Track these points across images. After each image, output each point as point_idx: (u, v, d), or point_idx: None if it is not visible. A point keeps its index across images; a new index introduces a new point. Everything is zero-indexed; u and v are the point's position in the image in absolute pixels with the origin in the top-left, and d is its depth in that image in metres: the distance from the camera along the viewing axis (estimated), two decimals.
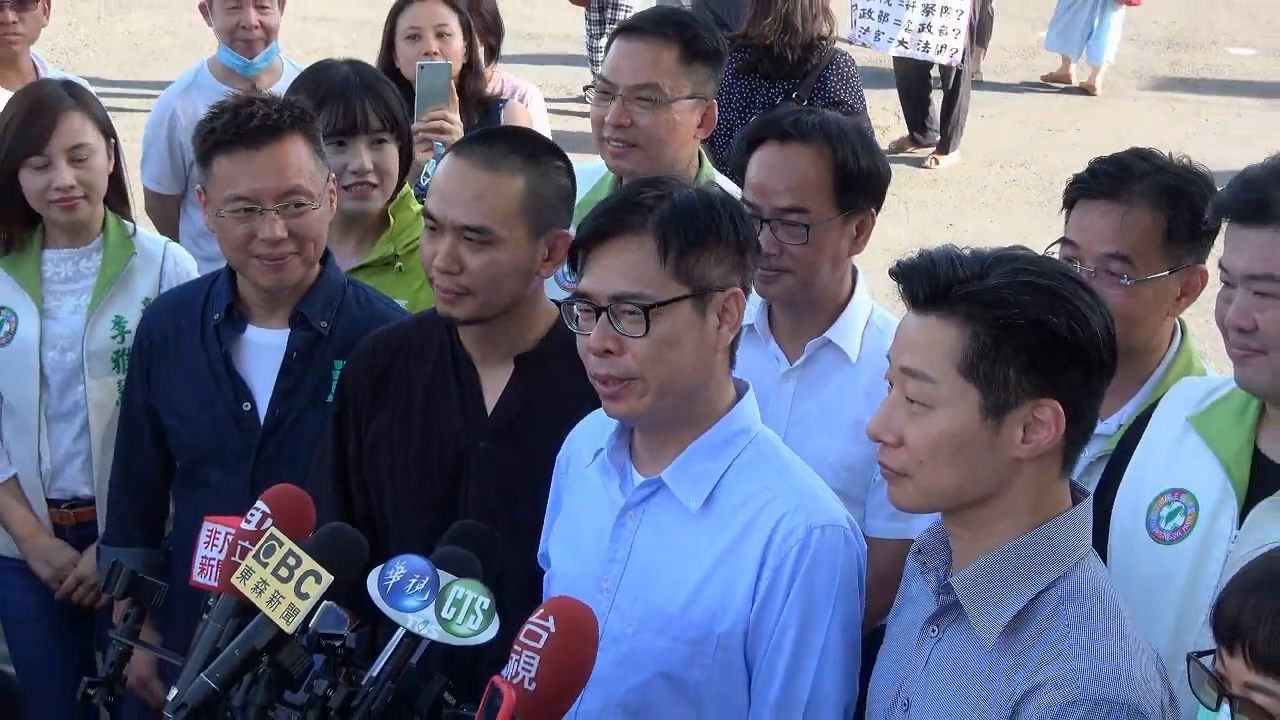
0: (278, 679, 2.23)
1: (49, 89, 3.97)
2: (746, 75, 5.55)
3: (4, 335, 3.91)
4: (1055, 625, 2.22)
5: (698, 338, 2.53)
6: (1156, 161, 3.06)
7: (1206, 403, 2.73)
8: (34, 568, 3.99)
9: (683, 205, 2.52)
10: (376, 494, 3.11)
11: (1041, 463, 2.25)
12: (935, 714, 2.32)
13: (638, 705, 2.59)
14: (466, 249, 2.88)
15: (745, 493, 2.59)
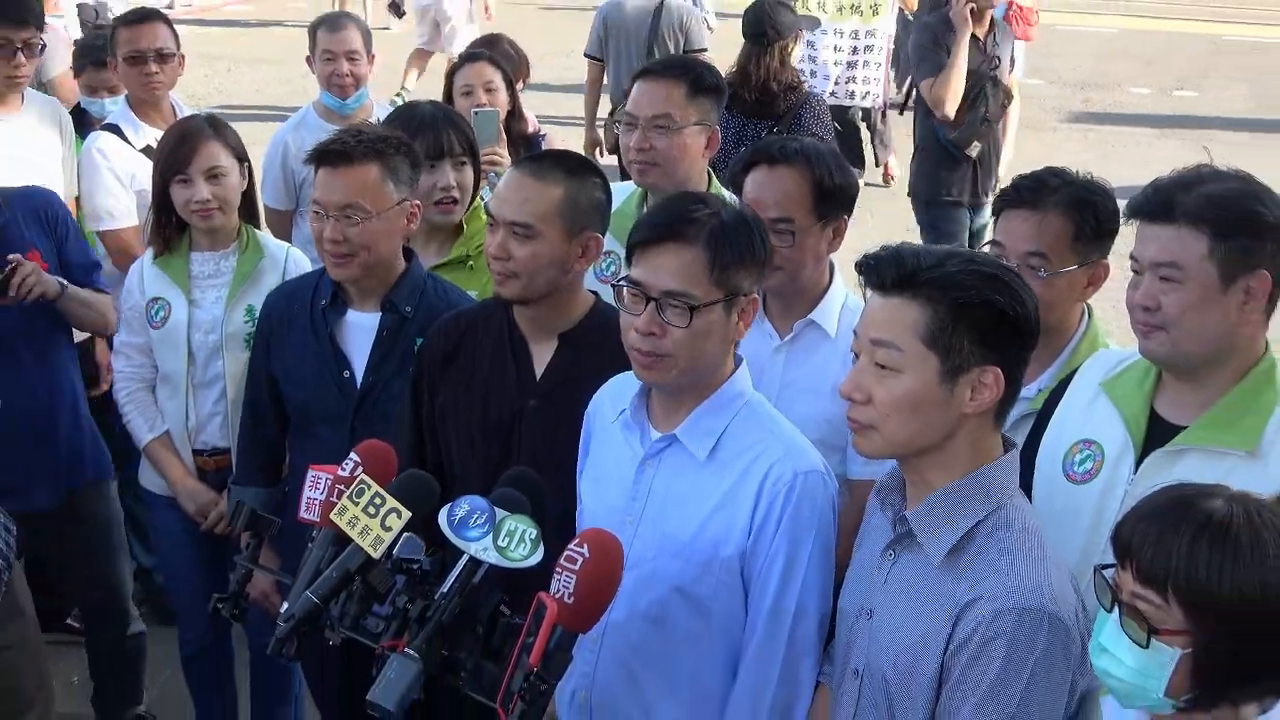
0: (367, 595, 2.20)
1: (195, 122, 3.93)
2: (736, 113, 5.43)
3: (160, 320, 3.88)
4: (989, 549, 2.18)
5: (723, 332, 2.52)
6: (1067, 177, 3.03)
7: (1115, 370, 2.68)
8: (182, 505, 3.95)
9: (730, 226, 2.50)
10: (445, 445, 3.08)
11: (981, 418, 2.21)
12: (892, 621, 2.28)
13: (657, 614, 2.55)
14: (514, 241, 2.86)
15: (742, 445, 2.55)
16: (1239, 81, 14.68)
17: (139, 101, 4.81)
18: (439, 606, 2.10)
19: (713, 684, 2.59)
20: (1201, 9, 19.10)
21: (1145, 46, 16.57)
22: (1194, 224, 2.38)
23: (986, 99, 6.53)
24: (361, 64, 5.01)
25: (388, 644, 2.12)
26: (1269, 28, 17.85)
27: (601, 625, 2.23)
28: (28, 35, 4.56)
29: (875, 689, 2.29)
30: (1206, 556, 1.84)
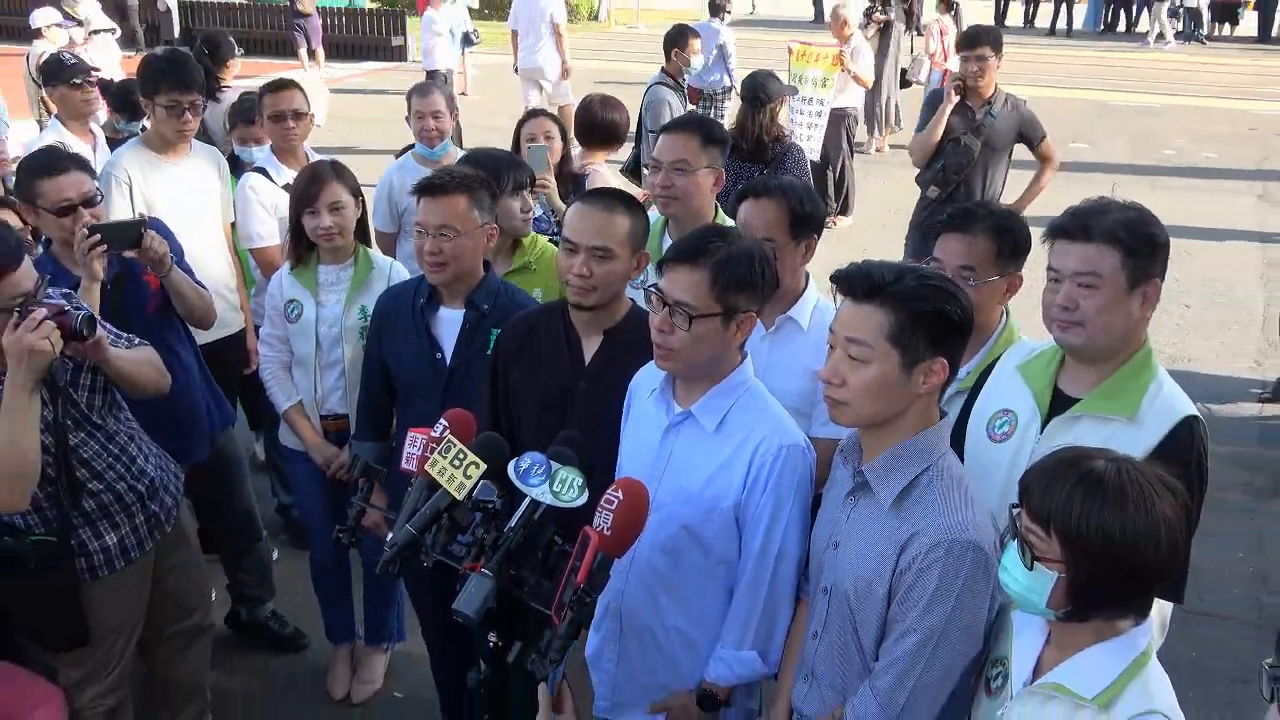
0: (452, 528, 2.19)
1: (321, 166, 3.93)
2: (735, 159, 5.37)
3: (295, 316, 3.89)
4: (927, 495, 2.18)
5: (720, 339, 2.48)
6: (991, 209, 3.05)
7: (1028, 357, 2.66)
8: (313, 457, 3.96)
9: (735, 257, 2.47)
10: (515, 414, 3.06)
11: (928, 396, 2.20)
12: (853, 551, 2.27)
13: (671, 548, 2.54)
14: (595, 262, 2.82)
15: (742, 421, 2.53)
16: (1119, 136, 14.55)
17: (280, 150, 4.81)
18: (507, 537, 2.10)
19: (713, 605, 2.58)
20: (1092, 81, 18.97)
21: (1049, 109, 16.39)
22: (1109, 242, 2.37)
23: (945, 155, 6.38)
24: (445, 121, 4.97)
25: (468, 566, 2.11)
26: (1143, 95, 17.72)
27: (630, 553, 2.21)
28: (193, 98, 4.55)
29: (840, 602, 2.28)
30: (1079, 503, 1.84)
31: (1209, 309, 8.25)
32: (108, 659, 3.31)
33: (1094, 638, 1.93)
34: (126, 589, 3.30)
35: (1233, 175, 12.57)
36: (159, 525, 3.35)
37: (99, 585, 3.21)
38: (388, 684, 4.33)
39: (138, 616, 3.38)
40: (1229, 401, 6.75)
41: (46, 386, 2.91)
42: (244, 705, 4.23)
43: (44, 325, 2.72)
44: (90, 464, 3.13)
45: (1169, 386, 2.46)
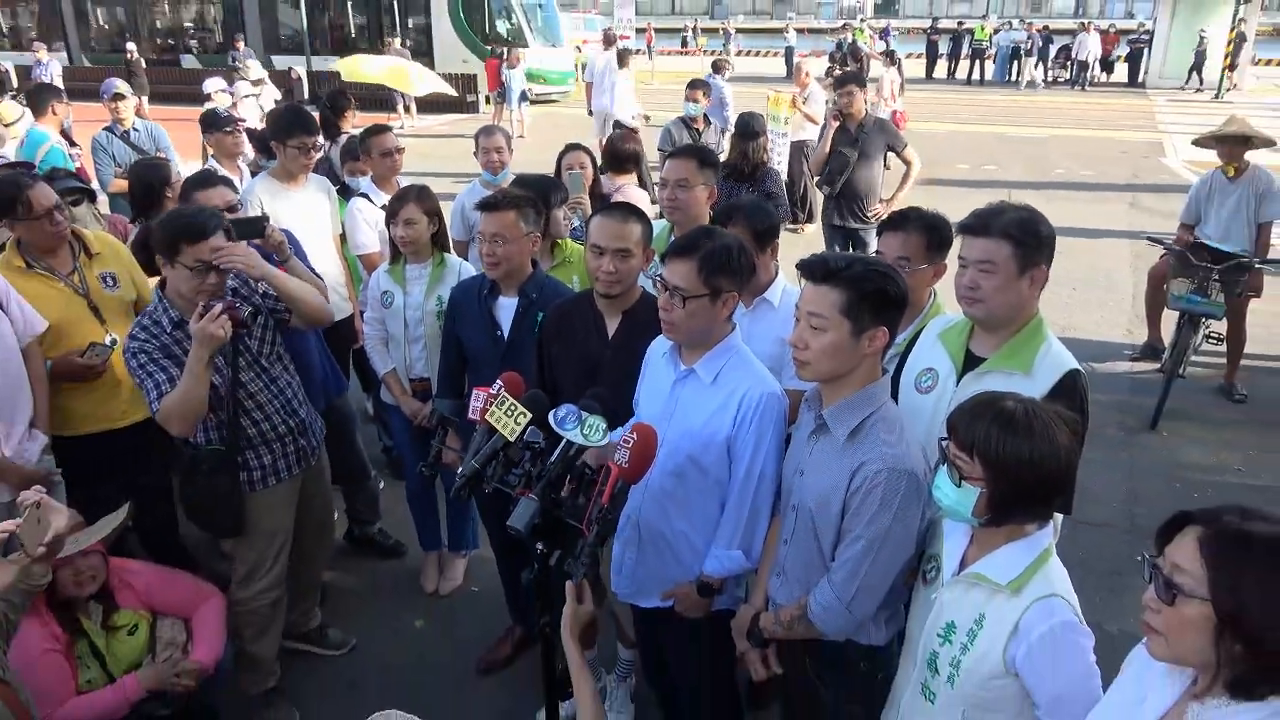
0: (507, 463, 2.14)
1: (408, 191, 3.84)
2: (727, 179, 5.28)
3: (389, 304, 3.83)
4: (872, 434, 2.11)
5: (709, 314, 2.42)
6: (921, 212, 2.93)
7: (946, 326, 2.59)
8: (404, 410, 3.92)
9: (718, 249, 2.41)
10: (555, 378, 3.01)
11: (873, 357, 2.13)
12: (815, 477, 2.21)
13: (678, 473, 2.48)
14: (618, 260, 2.78)
15: (732, 376, 2.46)
16: (1018, 160, 14.31)
17: (379, 178, 4.74)
18: (549, 469, 2.06)
19: (709, 516, 2.53)
20: (994, 118, 18.68)
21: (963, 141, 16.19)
22: (1003, 236, 2.29)
23: (830, 163, 6.76)
24: (505, 154, 4.88)
25: (519, 491, 2.08)
26: (1035, 129, 17.40)
27: (645, 478, 2.16)
28: (314, 141, 4.51)
29: (805, 517, 2.22)
30: (997, 433, 1.79)
31: (1091, 290, 8.09)
32: (265, 559, 3.31)
33: (1006, 539, 1.88)
34: (278, 502, 3.30)
35: (1107, 188, 12.30)
36: (305, 457, 3.35)
37: (257, 496, 3.22)
38: (466, 581, 4.30)
39: (288, 528, 3.37)
40: (1107, 361, 6.62)
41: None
42: (358, 599, 4.21)
43: (220, 318, 2.78)
44: (254, 397, 3.16)
45: (1056, 347, 2.38)
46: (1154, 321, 6.55)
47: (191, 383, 2.82)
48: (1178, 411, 5.77)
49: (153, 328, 2.97)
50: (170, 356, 2.92)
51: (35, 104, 6.73)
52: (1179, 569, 1.38)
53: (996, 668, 1.82)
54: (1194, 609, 1.36)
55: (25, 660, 2.74)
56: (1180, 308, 5.82)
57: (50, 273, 3.39)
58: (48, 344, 3.33)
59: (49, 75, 15.47)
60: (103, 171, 6.27)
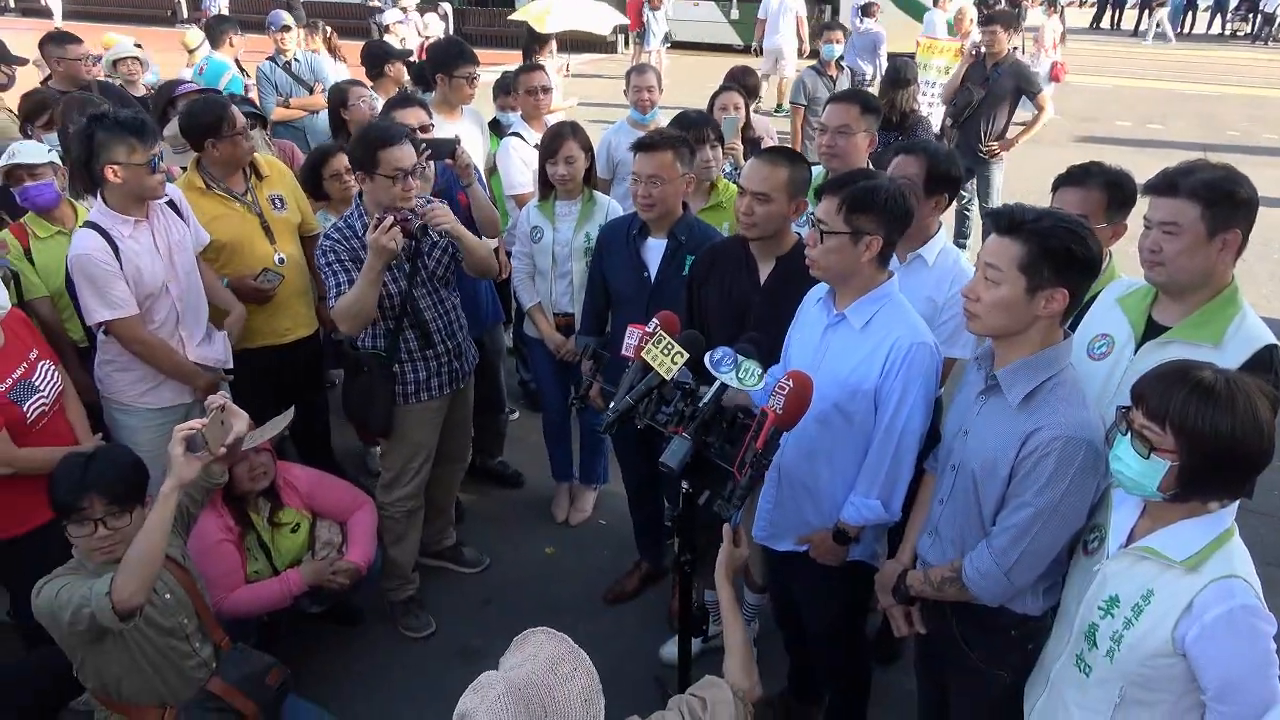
0: (660, 401, 2.15)
1: (563, 127, 3.82)
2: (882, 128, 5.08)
3: (538, 239, 3.84)
4: (1049, 399, 1.99)
5: (849, 254, 2.35)
6: (1103, 167, 2.72)
7: (1126, 291, 2.42)
8: (548, 344, 3.96)
9: (864, 189, 2.33)
10: (706, 320, 2.98)
11: (1050, 319, 2.00)
12: (981, 438, 2.11)
13: (824, 419, 2.41)
14: (756, 203, 2.73)
15: (884, 323, 2.39)
16: (1188, 118, 13.27)
17: (529, 116, 4.76)
18: (703, 409, 2.05)
19: (853, 462, 2.48)
20: (1164, 72, 17.31)
21: (1127, 96, 15.11)
22: (1190, 197, 2.13)
23: (957, 98, 6.85)
24: (655, 94, 4.84)
25: (672, 429, 2.08)
26: (1209, 85, 16.06)
27: (799, 427, 2.10)
28: (472, 70, 4.56)
29: (965, 479, 2.14)
30: (1196, 404, 1.67)
31: (1264, 263, 7.52)
32: (410, 470, 3.47)
33: (1185, 514, 1.77)
34: (427, 417, 3.44)
35: None
36: (456, 379, 3.48)
37: (408, 409, 3.38)
38: (595, 514, 4.40)
39: (432, 443, 3.51)
40: None
41: (407, 255, 3.19)
42: (493, 523, 4.37)
43: (393, 230, 2.93)
44: (421, 312, 3.30)
45: (1251, 318, 2.20)
46: None
47: (364, 289, 2.99)
48: None
49: (345, 230, 3.17)
50: (355, 261, 3.10)
51: (213, 34, 7.08)
52: None
53: (1163, 646, 1.72)
54: None
55: (201, 548, 2.98)
56: None
57: (227, 194, 3.59)
58: (224, 260, 3.55)
59: (217, 6, 16.19)
60: (266, 100, 6.53)
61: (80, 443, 2.96)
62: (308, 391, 3.89)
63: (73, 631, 2.37)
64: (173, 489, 2.34)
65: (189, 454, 2.35)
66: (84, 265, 2.95)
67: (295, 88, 6.47)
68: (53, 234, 3.36)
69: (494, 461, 4.69)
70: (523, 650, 1.49)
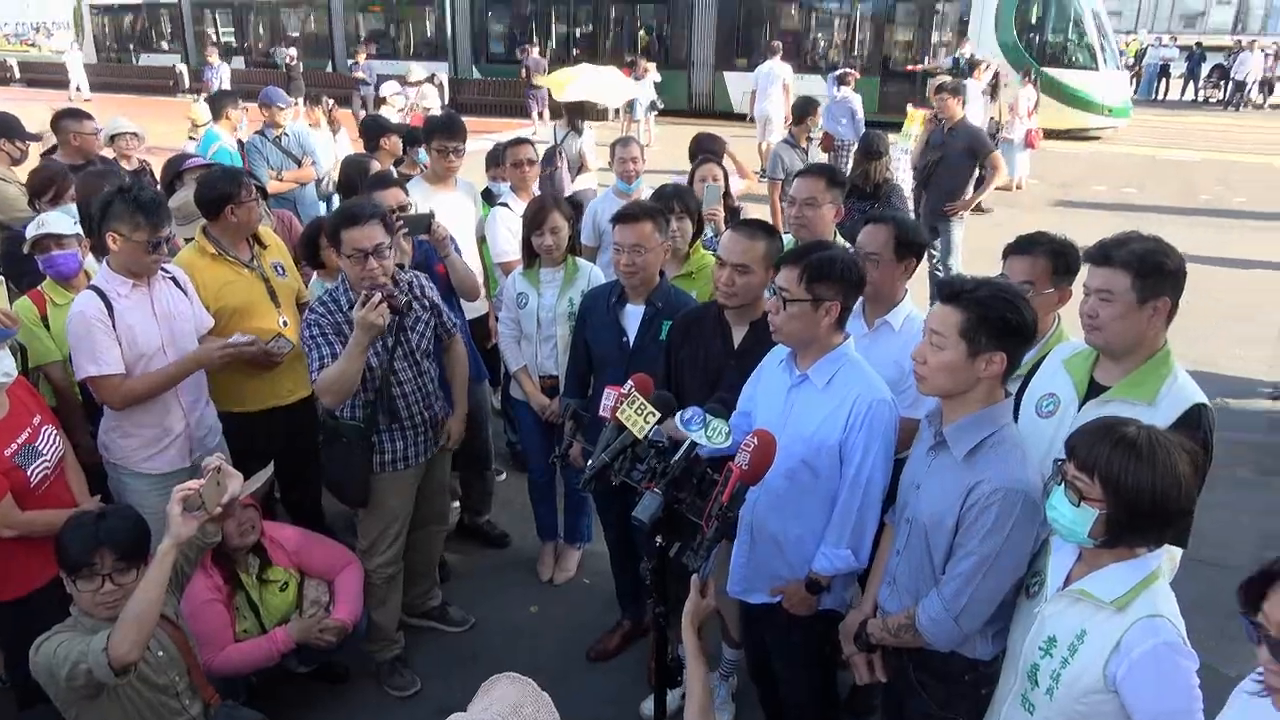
0: (634, 459, 2.25)
1: (546, 199, 4.02)
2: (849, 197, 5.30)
3: (524, 304, 4.00)
4: (991, 454, 2.15)
5: (810, 319, 2.51)
6: (1049, 236, 2.94)
7: (1071, 353, 2.59)
8: (533, 406, 4.07)
9: (822, 259, 2.50)
10: (681, 382, 3.11)
11: (992, 379, 2.16)
12: (931, 492, 2.26)
13: (790, 474, 2.54)
14: (737, 275, 2.89)
15: (845, 382, 2.53)
16: (1163, 183, 13.67)
17: (515, 187, 4.96)
18: (673, 467, 2.15)
19: (820, 516, 2.60)
20: (1139, 139, 17.84)
21: (1104, 161, 15.56)
22: (1123, 267, 2.31)
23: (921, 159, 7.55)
24: (639, 164, 5.05)
25: (644, 485, 2.18)
26: (1183, 150, 16.56)
27: (764, 483, 2.22)
28: (458, 144, 4.76)
29: (919, 530, 2.28)
30: (1120, 458, 1.81)
31: (1234, 323, 7.70)
32: (386, 537, 3.55)
33: (1114, 559, 1.91)
34: (403, 486, 3.53)
35: (1260, 217, 11.61)
36: (432, 447, 3.58)
37: (385, 477, 3.47)
38: (579, 573, 4.49)
39: (408, 510, 3.60)
40: (1245, 397, 6.31)
41: (391, 329, 3.28)
42: (478, 583, 4.45)
43: (380, 307, 3.06)
44: (402, 385, 3.42)
45: (1183, 379, 2.37)
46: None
47: (348, 363, 3.11)
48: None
49: (330, 304, 3.31)
50: (339, 334, 3.24)
51: (214, 108, 7.35)
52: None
53: (1096, 683, 1.84)
54: None
55: (191, 608, 3.07)
56: None
57: (236, 260, 3.76)
58: (233, 324, 3.67)
59: (220, 79, 16.65)
60: (257, 172, 6.76)
61: (80, 505, 3.06)
62: (301, 453, 4.00)
63: (70, 687, 2.45)
64: (170, 547, 2.45)
65: (186, 513, 2.47)
66: (79, 323, 3.11)
67: (286, 161, 6.70)
68: (68, 301, 3.50)
69: (482, 520, 4.77)
70: (489, 695, 1.56)
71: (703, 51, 21.47)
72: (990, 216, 11.21)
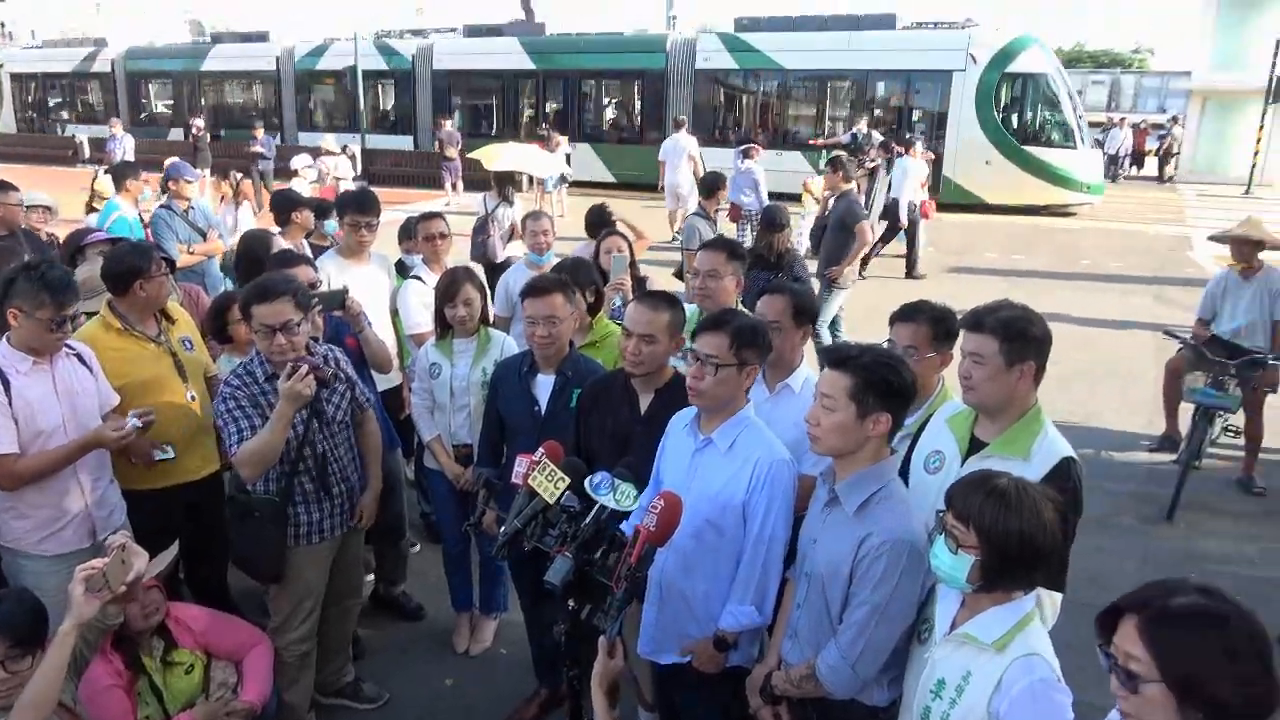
0: (545, 524, 2.33)
1: (459, 272, 4.10)
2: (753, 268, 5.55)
3: (437, 375, 4.05)
4: (879, 508, 2.29)
5: (735, 383, 2.65)
6: (930, 305, 3.15)
7: (954, 412, 2.78)
8: (447, 474, 4.09)
9: (745, 327, 2.67)
10: (591, 447, 3.18)
11: (879, 438, 2.32)
12: (827, 546, 2.39)
13: (697, 534, 2.65)
14: (643, 344, 2.99)
15: (746, 444, 2.67)
16: (1048, 249, 14.54)
17: (430, 260, 5.03)
18: (584, 530, 2.24)
19: (726, 574, 2.70)
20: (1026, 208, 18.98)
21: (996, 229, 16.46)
22: (991, 332, 2.52)
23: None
24: (550, 237, 5.19)
25: (556, 550, 2.25)
26: (1065, 219, 17.65)
27: (671, 544, 2.31)
28: (371, 219, 4.82)
29: (817, 583, 2.41)
30: (991, 507, 1.97)
31: (1114, 380, 8.19)
32: (300, 611, 3.49)
33: (993, 603, 2.05)
34: (318, 559, 3.50)
35: (1134, 280, 12.44)
36: (347, 520, 3.56)
37: (300, 551, 3.43)
38: (496, 642, 4.46)
39: (323, 584, 3.56)
40: (1126, 450, 6.70)
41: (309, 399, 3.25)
42: (391, 657, 4.38)
43: (307, 379, 3.08)
44: (319, 455, 3.40)
45: (1052, 435, 2.56)
46: (1171, 413, 6.65)
47: (272, 434, 3.10)
48: (1195, 503, 5.85)
49: (246, 378, 3.29)
50: (256, 406, 3.22)
51: (116, 179, 7.26)
52: (1131, 657, 1.52)
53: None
54: (1154, 690, 1.49)
55: (90, 694, 2.96)
56: (1195, 401, 5.95)
57: (143, 335, 3.72)
58: (139, 398, 3.58)
59: (123, 149, 16.32)
60: (165, 244, 6.66)
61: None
62: (207, 529, 3.91)
63: None
64: (71, 629, 2.39)
65: (89, 593, 2.42)
66: None
67: (193, 234, 6.65)
68: None
69: (397, 590, 4.72)
70: None
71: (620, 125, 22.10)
72: (886, 281, 11.78)
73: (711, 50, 20.23)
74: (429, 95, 23.48)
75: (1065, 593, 2.55)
